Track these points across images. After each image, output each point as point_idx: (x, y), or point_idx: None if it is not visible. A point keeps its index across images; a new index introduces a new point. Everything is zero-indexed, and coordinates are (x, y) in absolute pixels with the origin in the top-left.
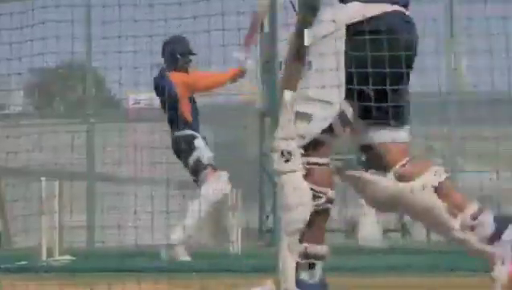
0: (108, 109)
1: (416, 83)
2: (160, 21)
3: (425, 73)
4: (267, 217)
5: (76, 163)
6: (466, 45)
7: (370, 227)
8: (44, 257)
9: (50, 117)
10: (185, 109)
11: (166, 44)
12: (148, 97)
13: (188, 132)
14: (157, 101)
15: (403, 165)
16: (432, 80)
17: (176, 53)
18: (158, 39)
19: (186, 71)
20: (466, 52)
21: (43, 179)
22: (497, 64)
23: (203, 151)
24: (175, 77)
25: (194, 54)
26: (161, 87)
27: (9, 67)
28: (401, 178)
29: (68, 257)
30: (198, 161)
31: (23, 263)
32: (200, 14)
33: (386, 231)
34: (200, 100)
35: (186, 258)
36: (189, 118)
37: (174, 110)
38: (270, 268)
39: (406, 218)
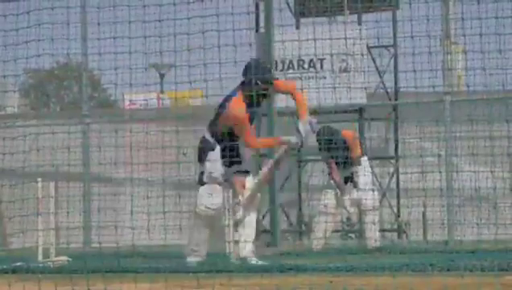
0: (103, 110)
1: (412, 83)
2: (155, 22)
3: (420, 73)
4: (263, 217)
5: (72, 164)
6: (461, 45)
7: (375, 229)
8: (41, 258)
9: (46, 118)
10: None
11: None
12: (143, 98)
13: None
14: (152, 102)
15: None
16: (428, 80)
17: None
18: (152, 40)
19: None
20: (461, 52)
21: (39, 180)
22: (492, 64)
23: None
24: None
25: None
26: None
27: (4, 68)
28: None
29: (64, 258)
30: None
31: (20, 263)
32: (195, 15)
33: (382, 231)
34: (197, 100)
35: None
36: None
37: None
38: (265, 269)
39: (403, 219)
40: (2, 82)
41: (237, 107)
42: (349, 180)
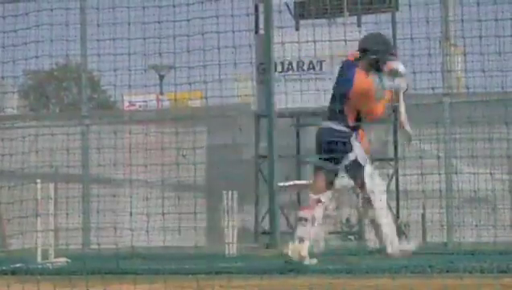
0: (103, 111)
1: (411, 85)
2: (154, 23)
3: (420, 75)
4: (263, 218)
5: (72, 165)
6: (460, 47)
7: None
8: (40, 259)
9: (45, 119)
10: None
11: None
12: (143, 99)
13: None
14: (152, 103)
15: None
16: (427, 82)
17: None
18: (152, 41)
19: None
20: (460, 54)
21: (38, 181)
22: (491, 66)
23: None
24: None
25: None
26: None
27: (3, 69)
28: None
29: (63, 259)
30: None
31: (19, 265)
32: (194, 17)
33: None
34: (197, 101)
35: None
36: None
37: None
38: (265, 270)
39: (402, 220)
40: (1, 83)
41: (365, 79)
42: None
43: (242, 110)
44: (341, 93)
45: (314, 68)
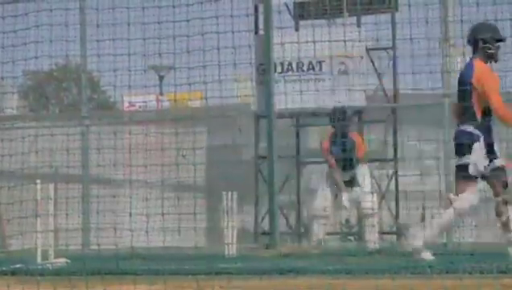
0: (103, 112)
1: (411, 85)
2: (154, 24)
3: (419, 76)
4: (262, 219)
5: (71, 166)
6: (460, 48)
7: (374, 232)
8: (39, 260)
9: (45, 119)
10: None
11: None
12: (142, 100)
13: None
14: (151, 104)
15: None
16: (426, 83)
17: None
18: (151, 42)
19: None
20: (460, 55)
21: (38, 181)
22: (491, 66)
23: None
24: (478, 65)
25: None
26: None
27: (3, 70)
28: None
29: (63, 259)
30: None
31: (19, 265)
32: (194, 17)
33: (381, 234)
34: (196, 102)
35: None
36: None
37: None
38: (264, 270)
39: (401, 221)
40: (0, 84)
41: (483, 66)
42: (348, 184)
43: (242, 111)
44: (466, 88)
45: (313, 68)
